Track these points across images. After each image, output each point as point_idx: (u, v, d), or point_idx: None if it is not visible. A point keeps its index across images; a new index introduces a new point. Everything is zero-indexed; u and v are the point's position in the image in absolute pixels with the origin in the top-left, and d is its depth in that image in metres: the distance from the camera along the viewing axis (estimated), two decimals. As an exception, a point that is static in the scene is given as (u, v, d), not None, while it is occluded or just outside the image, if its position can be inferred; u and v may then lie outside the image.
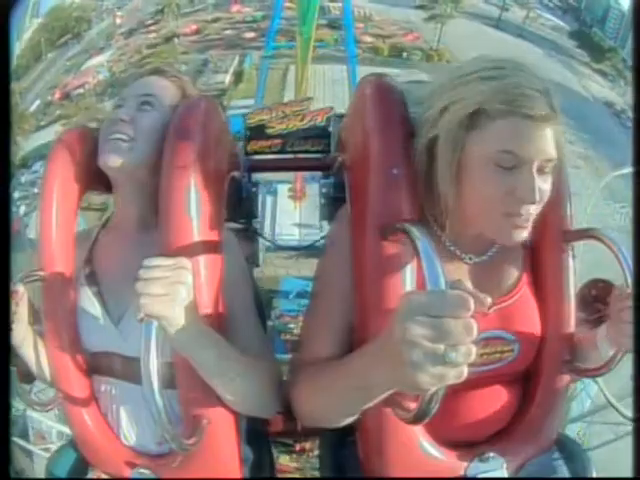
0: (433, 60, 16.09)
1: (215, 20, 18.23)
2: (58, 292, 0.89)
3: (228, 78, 16.12)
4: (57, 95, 15.16)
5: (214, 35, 17.72)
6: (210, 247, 0.82)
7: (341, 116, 1.16)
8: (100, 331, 0.90)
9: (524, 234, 0.75)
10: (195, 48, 17.21)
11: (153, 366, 0.67)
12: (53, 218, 0.90)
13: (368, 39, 16.65)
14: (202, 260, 0.79)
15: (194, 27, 18.02)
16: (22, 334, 0.86)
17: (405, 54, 16.73)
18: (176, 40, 17.20)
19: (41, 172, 0.88)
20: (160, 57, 15.23)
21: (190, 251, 0.77)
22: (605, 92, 16.81)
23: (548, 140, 0.72)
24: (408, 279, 0.76)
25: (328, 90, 14.21)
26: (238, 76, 16.20)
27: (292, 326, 7.31)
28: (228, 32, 17.75)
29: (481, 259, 0.84)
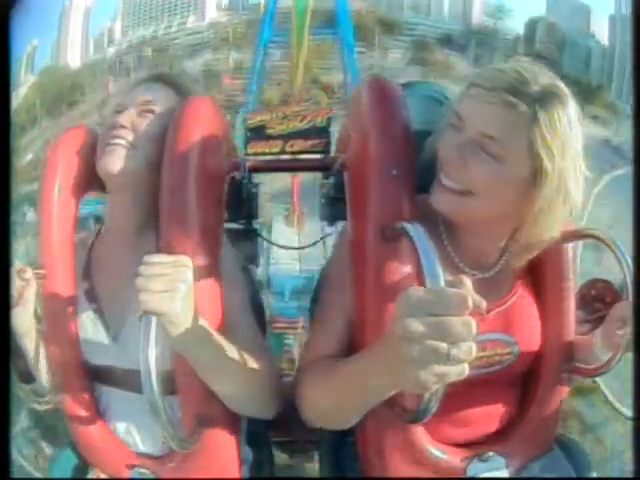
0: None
1: (206, 90, 18.66)
2: (59, 294, 0.89)
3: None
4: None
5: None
6: (210, 247, 0.82)
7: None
8: (99, 346, 0.90)
9: (449, 201, 0.77)
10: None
11: (152, 362, 0.67)
12: (53, 219, 0.90)
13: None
14: (202, 260, 0.79)
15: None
16: (27, 323, 0.85)
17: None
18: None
19: (27, 216, 0.88)
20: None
21: (190, 251, 0.77)
22: (600, 132, 17.16)
23: (498, 118, 0.71)
24: (407, 279, 0.76)
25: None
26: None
27: (290, 341, 5.24)
28: (219, 97, 18.10)
29: (486, 275, 0.84)
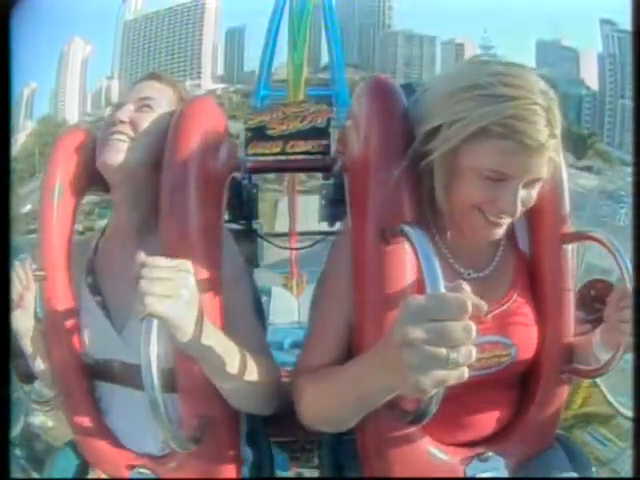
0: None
1: None
2: (59, 295, 0.89)
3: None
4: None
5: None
6: (210, 248, 0.82)
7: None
8: (103, 339, 0.90)
9: (501, 231, 0.78)
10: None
11: (153, 362, 0.67)
12: (54, 219, 0.90)
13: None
14: (202, 260, 0.79)
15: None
16: (27, 324, 0.86)
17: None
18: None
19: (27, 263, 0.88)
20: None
21: (190, 251, 0.77)
22: (594, 183, 17.35)
23: (540, 164, 0.73)
24: (407, 281, 0.77)
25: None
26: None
27: None
28: None
29: (482, 274, 0.84)
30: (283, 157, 1.14)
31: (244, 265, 0.96)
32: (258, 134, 1.12)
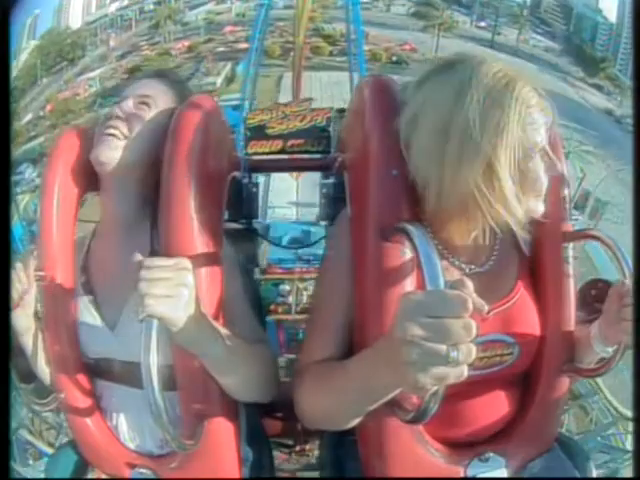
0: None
1: (207, 41, 18.66)
2: (58, 294, 0.89)
3: (220, 80, 16.06)
4: (48, 108, 15.50)
5: (206, 52, 18.09)
6: (210, 247, 0.82)
7: (342, 110, 1.16)
8: (97, 338, 0.90)
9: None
10: (187, 63, 17.49)
11: (153, 365, 0.67)
12: (54, 219, 0.90)
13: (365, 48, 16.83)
14: (202, 260, 0.79)
15: (186, 43, 18.41)
16: (27, 323, 0.86)
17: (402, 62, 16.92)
18: (169, 58, 17.44)
19: (26, 174, 0.88)
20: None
21: (191, 251, 0.77)
22: (603, 102, 17.12)
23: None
24: (408, 279, 0.76)
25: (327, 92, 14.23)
26: (230, 80, 16.14)
27: (286, 286, 4.29)
28: (221, 49, 17.99)
29: (481, 269, 0.84)
30: (283, 156, 1.14)
31: (237, 257, 0.96)
32: (258, 133, 1.13)
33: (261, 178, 1.38)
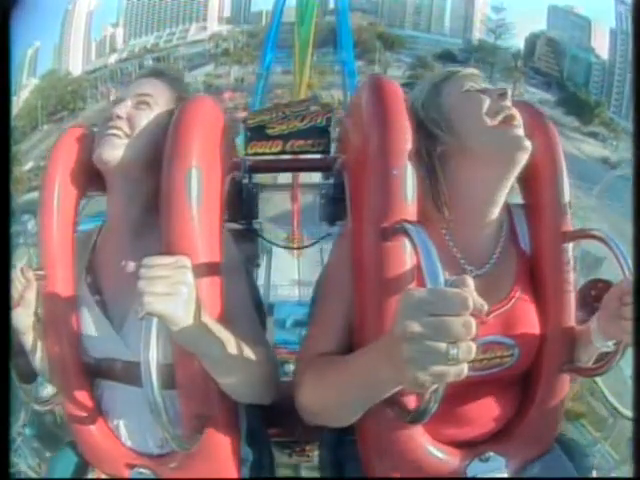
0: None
1: None
2: (58, 294, 0.89)
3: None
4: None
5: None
6: (210, 246, 0.82)
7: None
8: (103, 338, 0.90)
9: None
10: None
11: (153, 363, 0.67)
12: (54, 219, 0.90)
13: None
14: (203, 259, 0.79)
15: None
16: (27, 322, 0.86)
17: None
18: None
19: (29, 226, 0.88)
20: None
21: (191, 250, 0.77)
22: (598, 151, 17.31)
23: None
24: (408, 279, 0.76)
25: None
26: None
27: (291, 366, 4.06)
28: None
29: (481, 271, 0.84)
30: (283, 156, 1.14)
31: (241, 259, 0.96)
32: (258, 133, 1.13)
33: (262, 256, 1.39)
